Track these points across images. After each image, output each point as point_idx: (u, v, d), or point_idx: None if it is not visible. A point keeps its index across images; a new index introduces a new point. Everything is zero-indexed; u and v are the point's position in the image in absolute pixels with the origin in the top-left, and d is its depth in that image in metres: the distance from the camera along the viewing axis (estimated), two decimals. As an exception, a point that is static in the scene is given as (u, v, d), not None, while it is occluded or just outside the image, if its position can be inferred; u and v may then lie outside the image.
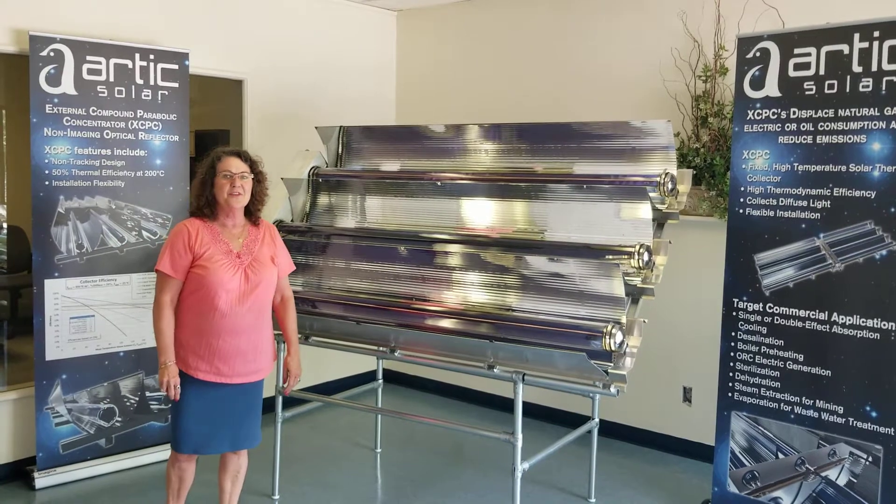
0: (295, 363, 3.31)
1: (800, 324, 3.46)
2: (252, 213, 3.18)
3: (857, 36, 3.24)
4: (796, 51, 3.41)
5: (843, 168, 3.31)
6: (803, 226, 3.43)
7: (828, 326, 3.38)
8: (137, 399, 4.35)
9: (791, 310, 3.48)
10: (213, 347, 3.02)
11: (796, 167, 3.44)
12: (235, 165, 3.06)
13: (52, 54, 3.95)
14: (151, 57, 4.28)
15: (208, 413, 3.08)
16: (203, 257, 2.99)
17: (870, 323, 3.26)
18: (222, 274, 2.99)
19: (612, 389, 3.13)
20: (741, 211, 3.61)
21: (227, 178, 3.03)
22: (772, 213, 3.51)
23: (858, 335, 3.29)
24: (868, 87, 3.22)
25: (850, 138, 3.29)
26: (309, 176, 4.24)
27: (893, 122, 3.16)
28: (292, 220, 4.21)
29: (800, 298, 3.45)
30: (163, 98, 4.34)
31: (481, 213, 3.85)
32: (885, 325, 3.22)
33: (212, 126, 6.43)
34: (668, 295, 3.94)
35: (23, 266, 6.28)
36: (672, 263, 3.50)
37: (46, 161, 3.99)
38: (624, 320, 3.17)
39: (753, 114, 3.54)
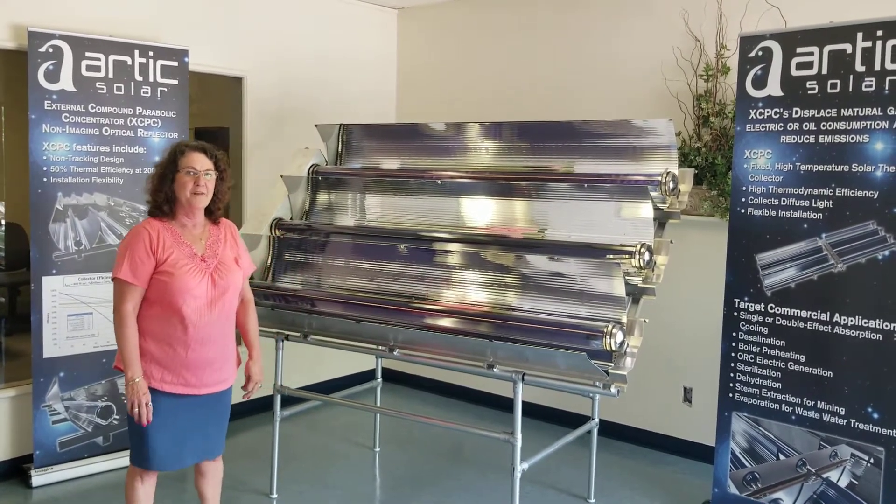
0: (257, 369, 3.10)
1: (801, 324, 3.44)
2: (212, 212, 2.98)
3: (860, 35, 3.22)
4: (799, 50, 3.40)
5: (846, 168, 3.29)
6: (805, 226, 3.41)
7: (829, 327, 3.36)
8: (135, 397, 4.33)
9: (793, 310, 3.46)
10: (182, 358, 2.83)
11: (798, 167, 3.43)
12: (200, 162, 2.86)
13: (50, 50, 3.93)
14: (151, 54, 4.26)
15: (175, 426, 2.88)
16: (167, 262, 2.80)
17: (872, 324, 3.25)
18: (189, 280, 2.80)
19: (613, 389, 3.11)
20: (743, 211, 3.59)
21: (190, 176, 2.83)
22: (773, 213, 3.50)
23: (860, 336, 3.28)
24: (871, 86, 3.21)
25: (852, 138, 3.27)
26: (308, 174, 4.22)
27: (896, 122, 3.15)
28: (291, 218, 4.20)
29: (801, 299, 3.43)
30: (162, 95, 4.32)
31: (481, 212, 3.83)
32: (887, 325, 3.21)
33: (211, 123, 6.42)
34: (669, 295, 3.92)
35: (21, 263, 6.26)
36: (673, 263, 3.48)
37: (45, 158, 3.97)
38: (624, 320, 3.15)
39: (755, 113, 3.52)
